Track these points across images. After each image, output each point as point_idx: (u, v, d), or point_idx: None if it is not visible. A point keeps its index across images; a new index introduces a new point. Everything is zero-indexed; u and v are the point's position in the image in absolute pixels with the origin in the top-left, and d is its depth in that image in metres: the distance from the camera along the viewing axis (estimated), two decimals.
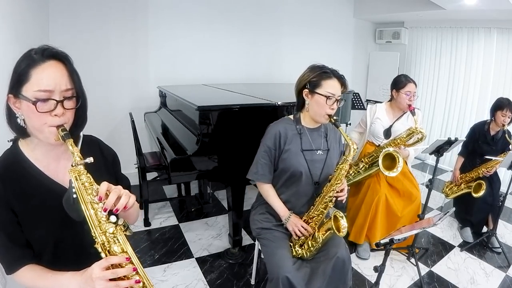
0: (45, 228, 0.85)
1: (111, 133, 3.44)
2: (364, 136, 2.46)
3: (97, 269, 0.74)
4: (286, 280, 1.35)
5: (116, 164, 1.06)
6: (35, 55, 0.79)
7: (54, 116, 0.79)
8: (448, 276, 2.20)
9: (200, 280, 2.08)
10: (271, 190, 1.63)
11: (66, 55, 0.83)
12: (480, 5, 3.31)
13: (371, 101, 4.82)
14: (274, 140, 1.56)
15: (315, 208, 1.53)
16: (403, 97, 2.20)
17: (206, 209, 3.02)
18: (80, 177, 0.78)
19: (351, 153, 1.46)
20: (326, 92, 1.46)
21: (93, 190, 0.78)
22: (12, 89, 0.79)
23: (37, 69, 0.78)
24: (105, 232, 0.76)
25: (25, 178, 0.85)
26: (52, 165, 0.89)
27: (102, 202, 0.76)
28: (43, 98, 0.77)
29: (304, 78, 1.53)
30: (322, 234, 1.46)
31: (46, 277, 0.83)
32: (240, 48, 4.03)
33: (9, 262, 0.84)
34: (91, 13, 3.09)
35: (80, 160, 0.78)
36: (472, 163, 2.72)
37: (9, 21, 1.84)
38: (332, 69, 1.52)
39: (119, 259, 0.75)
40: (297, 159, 1.54)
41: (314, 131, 1.61)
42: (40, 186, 0.86)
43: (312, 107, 1.52)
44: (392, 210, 2.25)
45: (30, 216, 0.84)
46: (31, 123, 0.81)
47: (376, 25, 5.16)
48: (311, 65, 1.56)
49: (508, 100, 2.46)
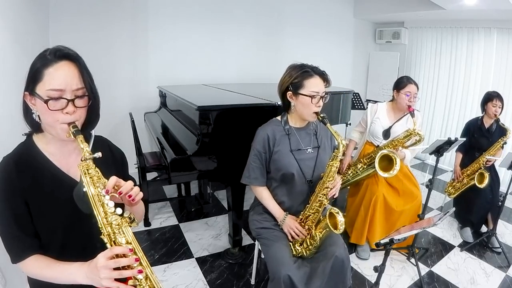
0: (55, 220, 0.89)
1: (111, 133, 3.42)
2: (364, 135, 2.46)
3: (102, 258, 0.77)
4: (287, 279, 1.36)
5: (125, 165, 1.10)
6: (49, 56, 0.83)
7: (65, 114, 0.83)
8: (448, 276, 2.20)
9: (200, 280, 2.08)
10: (265, 193, 1.64)
11: (77, 55, 0.87)
12: (480, 5, 3.31)
13: (371, 101, 4.81)
14: (263, 143, 1.56)
15: (310, 207, 1.53)
16: (402, 98, 2.20)
17: (206, 209, 3.02)
18: (88, 171, 0.81)
19: (340, 150, 1.44)
20: (310, 92, 1.46)
21: (101, 183, 0.81)
22: (28, 87, 0.84)
23: (49, 69, 0.82)
24: (111, 223, 0.80)
25: (38, 170, 0.88)
26: (65, 159, 0.93)
27: (108, 195, 0.80)
28: (55, 96, 0.81)
29: (285, 80, 1.52)
30: (320, 232, 1.46)
31: (53, 266, 0.86)
32: (240, 48, 4.03)
33: (16, 251, 0.86)
34: (91, 13, 3.09)
35: (89, 155, 0.82)
36: (471, 159, 2.73)
37: (9, 21, 1.84)
38: (312, 66, 1.51)
39: (122, 249, 0.78)
40: (287, 159, 1.54)
41: (302, 130, 1.61)
42: (52, 179, 0.89)
43: (298, 107, 1.52)
44: (390, 208, 2.24)
45: (42, 207, 0.87)
46: (45, 120, 0.85)
47: (376, 25, 5.16)
48: (290, 65, 1.55)
49: (496, 92, 2.60)
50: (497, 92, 2.58)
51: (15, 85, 0.98)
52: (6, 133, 1.43)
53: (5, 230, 0.85)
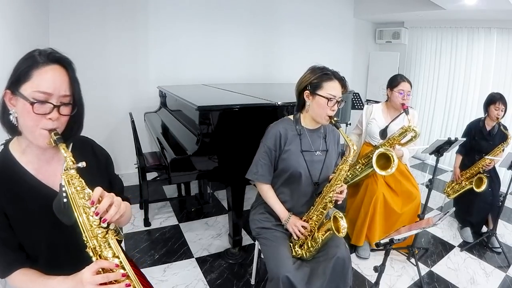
0: (37, 232, 0.85)
1: (111, 133, 3.45)
2: (361, 137, 2.47)
3: (87, 273, 0.74)
4: (286, 280, 1.35)
5: (109, 166, 1.05)
6: (39, 56, 0.79)
7: (48, 119, 0.79)
8: (448, 276, 2.20)
9: (200, 280, 2.08)
10: (270, 191, 1.63)
11: (70, 62, 0.84)
12: (480, 5, 3.31)
13: (371, 101, 4.82)
14: (274, 140, 1.56)
15: (315, 209, 1.53)
16: (396, 96, 2.21)
17: (206, 209, 3.02)
18: (72, 181, 0.77)
19: (351, 154, 1.46)
20: (327, 94, 1.47)
21: (85, 194, 0.78)
22: (11, 85, 0.79)
23: (39, 70, 0.78)
24: (97, 236, 0.76)
25: (16, 181, 0.84)
26: (43, 168, 0.88)
27: (94, 206, 0.76)
28: (41, 99, 0.77)
29: (305, 80, 1.53)
30: (322, 235, 1.46)
31: (37, 281, 0.83)
32: (241, 48, 4.03)
33: (2, 266, 0.83)
34: (91, 13, 3.10)
35: (72, 164, 0.78)
36: (471, 161, 2.73)
37: (9, 21, 1.84)
38: (333, 71, 1.52)
39: (109, 264, 0.76)
40: (296, 159, 1.54)
41: (314, 132, 1.61)
42: (31, 190, 0.85)
43: (313, 108, 1.53)
44: (391, 208, 2.24)
45: (22, 219, 0.83)
46: (24, 122, 0.80)
47: (376, 25, 5.16)
48: (312, 66, 1.56)
49: (499, 94, 2.55)
50: (501, 94, 2.54)
51: None
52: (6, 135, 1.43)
53: None
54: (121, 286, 0.75)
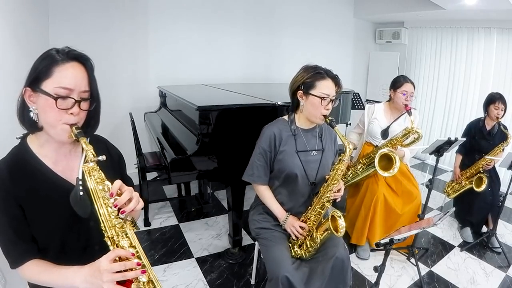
0: (52, 224, 0.87)
1: (111, 133, 3.44)
2: (362, 137, 2.47)
3: (105, 261, 0.76)
4: (285, 280, 1.35)
5: (122, 164, 1.08)
6: (58, 54, 0.82)
7: (69, 114, 0.82)
8: (448, 276, 2.20)
9: (200, 280, 2.08)
10: (268, 192, 1.63)
11: (87, 58, 0.87)
12: (480, 5, 3.31)
13: (371, 101, 4.82)
14: (269, 142, 1.56)
15: (313, 209, 1.53)
16: (399, 97, 2.22)
17: (206, 209, 3.02)
18: (92, 173, 0.81)
19: (347, 153, 1.45)
20: (321, 93, 1.45)
21: (105, 186, 0.81)
22: (31, 83, 0.81)
23: (60, 67, 0.81)
24: (115, 226, 0.80)
25: (33, 174, 0.86)
26: (61, 162, 0.91)
27: (113, 198, 0.80)
28: (63, 95, 0.80)
29: (298, 79, 1.52)
30: (320, 235, 1.46)
31: (51, 271, 0.85)
32: (240, 48, 4.03)
33: (14, 257, 0.85)
34: (91, 13, 3.09)
35: (93, 157, 0.81)
36: (471, 160, 2.73)
37: (9, 21, 1.84)
38: (326, 69, 1.51)
39: (125, 252, 0.78)
40: (292, 160, 1.54)
41: (309, 132, 1.60)
42: (48, 183, 0.87)
43: (306, 108, 1.52)
44: (391, 209, 2.25)
45: (38, 212, 0.86)
46: (46, 118, 0.82)
47: (376, 25, 5.16)
48: (304, 65, 1.55)
49: (499, 93, 2.56)
50: (500, 94, 2.54)
51: (15, 86, 0.97)
52: (6, 135, 1.43)
53: (1, 236, 0.84)
54: (137, 273, 0.78)
